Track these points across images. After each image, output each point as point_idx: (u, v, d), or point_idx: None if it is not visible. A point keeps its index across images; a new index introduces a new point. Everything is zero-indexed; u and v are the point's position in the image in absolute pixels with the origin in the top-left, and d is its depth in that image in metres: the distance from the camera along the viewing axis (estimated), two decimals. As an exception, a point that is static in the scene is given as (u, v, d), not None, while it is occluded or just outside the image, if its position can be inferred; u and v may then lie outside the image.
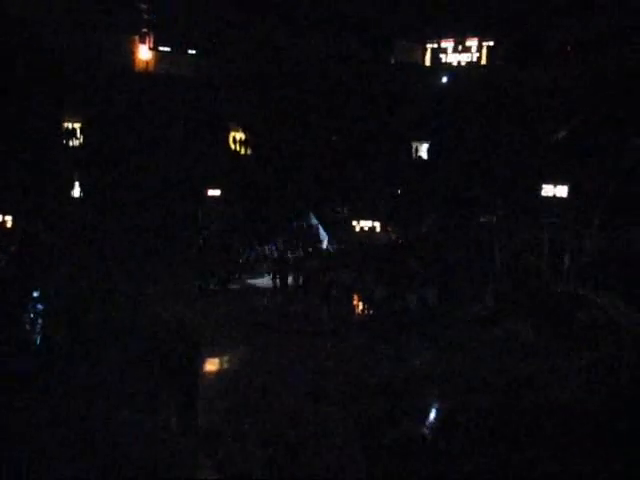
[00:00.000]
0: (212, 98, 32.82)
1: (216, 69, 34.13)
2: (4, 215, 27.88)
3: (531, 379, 14.88)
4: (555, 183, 27.51)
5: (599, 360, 16.17)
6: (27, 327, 19.87)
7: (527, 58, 31.94)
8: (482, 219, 31.39)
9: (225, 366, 18.62)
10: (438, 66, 34.81)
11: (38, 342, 18.96)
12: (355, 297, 25.78)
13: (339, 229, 33.02)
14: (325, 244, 32.29)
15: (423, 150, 34.49)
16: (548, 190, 27.69)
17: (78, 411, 13.74)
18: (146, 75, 34.18)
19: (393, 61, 35.67)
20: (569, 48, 30.61)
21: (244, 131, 35.38)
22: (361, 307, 24.97)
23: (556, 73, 30.23)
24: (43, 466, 11.47)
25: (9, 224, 28.11)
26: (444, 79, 34.78)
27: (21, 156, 28.19)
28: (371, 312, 23.72)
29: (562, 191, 27.51)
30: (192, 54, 35.11)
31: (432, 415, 14.27)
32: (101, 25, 32.68)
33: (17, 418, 12.99)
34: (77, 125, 32.49)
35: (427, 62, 35.21)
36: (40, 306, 21.14)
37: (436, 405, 14.51)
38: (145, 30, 34.48)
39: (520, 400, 13.90)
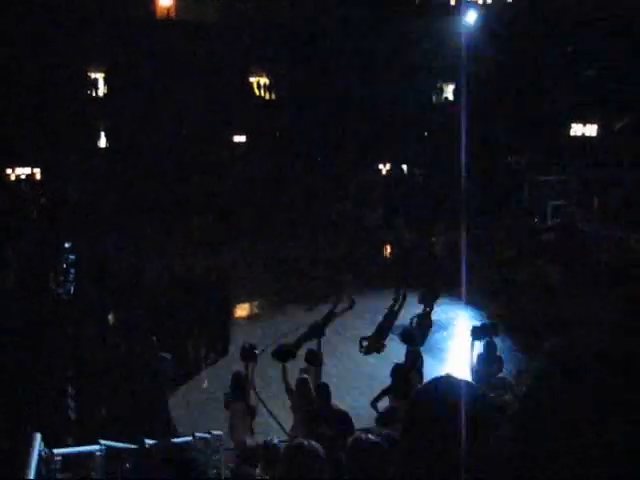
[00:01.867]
0: (235, 43, 32.48)
1: (239, 14, 33.74)
2: (32, 168, 28.18)
3: (560, 321, 14.86)
4: (584, 122, 27.10)
5: (630, 299, 16.04)
6: (61, 277, 20.23)
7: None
8: (511, 160, 31.15)
9: (252, 310, 18.87)
10: (463, 3, 34.02)
11: (72, 291, 19.37)
12: (382, 241, 25.80)
13: (366, 173, 32.90)
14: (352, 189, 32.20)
15: (449, 91, 34.04)
16: (577, 129, 27.32)
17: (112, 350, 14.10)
18: (168, 22, 33.89)
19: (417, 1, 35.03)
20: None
21: (268, 76, 35.14)
22: (389, 251, 24.99)
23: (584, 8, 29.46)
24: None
25: (38, 176, 28.45)
26: (470, 17, 34.03)
27: (46, 107, 28.30)
28: (398, 256, 23.70)
29: (592, 130, 27.12)
30: (213, -1, 34.72)
31: (460, 359, 14.34)
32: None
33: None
34: (100, 75, 32.50)
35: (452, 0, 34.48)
36: (72, 257, 21.45)
37: (463, 348, 14.54)
38: (164, -26, 34.04)
39: (553, 343, 13.82)
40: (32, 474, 3.13)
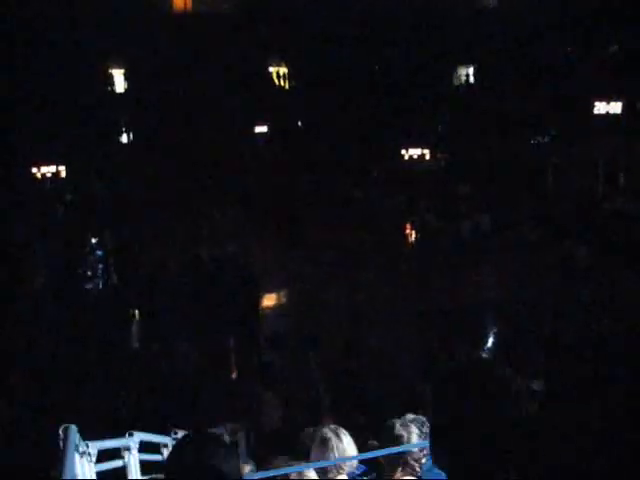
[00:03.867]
0: (253, 33, 32.44)
1: (255, 3, 33.66)
2: (57, 166, 28.42)
3: (592, 302, 14.73)
4: (608, 100, 26.75)
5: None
6: (89, 272, 20.45)
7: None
8: (533, 140, 30.89)
9: (277, 297, 18.90)
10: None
11: (100, 286, 19.59)
12: (407, 226, 25.73)
13: (387, 157, 32.79)
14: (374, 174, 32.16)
15: (470, 74, 33.86)
16: (601, 107, 26.96)
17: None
18: (185, 14, 33.94)
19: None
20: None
21: (287, 65, 35.07)
22: (413, 236, 24.94)
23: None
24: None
25: (63, 174, 28.70)
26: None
27: (67, 105, 28.47)
28: (422, 240, 23.68)
29: (616, 108, 26.77)
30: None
31: (491, 341, 14.28)
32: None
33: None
34: (120, 71, 32.64)
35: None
36: (99, 252, 21.65)
37: (494, 331, 14.45)
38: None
39: (584, 325, 13.69)
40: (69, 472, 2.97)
